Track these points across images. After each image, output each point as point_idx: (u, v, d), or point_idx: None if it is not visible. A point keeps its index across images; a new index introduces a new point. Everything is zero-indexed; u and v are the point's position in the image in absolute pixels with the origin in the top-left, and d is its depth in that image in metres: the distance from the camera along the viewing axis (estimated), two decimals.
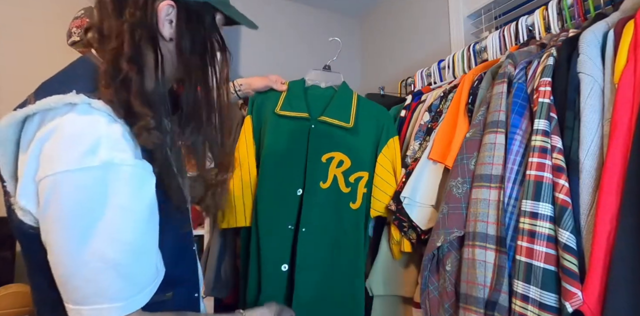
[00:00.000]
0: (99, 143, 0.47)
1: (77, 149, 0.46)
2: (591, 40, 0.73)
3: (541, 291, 0.67)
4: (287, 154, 1.06)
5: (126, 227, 0.48)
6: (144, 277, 0.51)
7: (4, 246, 1.29)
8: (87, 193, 0.46)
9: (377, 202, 1.11)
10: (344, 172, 1.08)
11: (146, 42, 0.54)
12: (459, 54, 1.27)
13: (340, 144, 1.09)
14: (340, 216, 1.06)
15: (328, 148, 1.08)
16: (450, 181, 0.88)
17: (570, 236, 0.65)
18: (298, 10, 2.23)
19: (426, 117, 1.14)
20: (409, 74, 1.64)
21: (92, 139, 0.47)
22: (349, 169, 1.08)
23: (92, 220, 0.46)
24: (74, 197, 0.46)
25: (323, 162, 1.06)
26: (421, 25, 1.87)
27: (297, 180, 1.04)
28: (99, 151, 0.46)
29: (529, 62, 0.87)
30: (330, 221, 1.04)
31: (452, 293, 0.84)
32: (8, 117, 0.48)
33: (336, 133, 1.10)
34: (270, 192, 1.04)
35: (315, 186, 1.04)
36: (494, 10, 1.50)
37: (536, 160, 0.72)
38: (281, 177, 1.05)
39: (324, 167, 1.06)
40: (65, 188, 0.45)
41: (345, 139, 1.10)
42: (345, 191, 1.07)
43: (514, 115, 0.81)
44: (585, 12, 0.94)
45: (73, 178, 0.45)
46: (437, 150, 0.98)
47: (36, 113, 0.47)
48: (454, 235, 0.83)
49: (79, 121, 0.47)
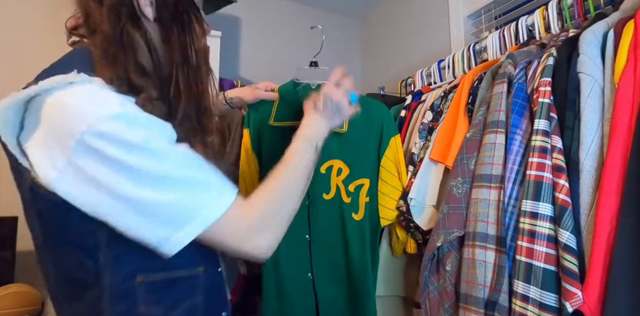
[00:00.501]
0: (110, 99, 0.48)
1: (93, 106, 0.46)
2: (591, 40, 0.73)
3: (541, 291, 0.67)
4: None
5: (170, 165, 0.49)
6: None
7: (4, 246, 1.29)
8: (123, 139, 0.46)
9: (385, 210, 1.06)
10: (343, 181, 1.04)
11: (128, 21, 0.55)
12: (459, 54, 1.27)
13: (337, 151, 1.04)
14: (344, 227, 1.03)
15: (325, 157, 1.02)
16: (451, 181, 0.88)
17: (570, 236, 0.65)
18: (298, 10, 2.23)
19: (429, 115, 1.13)
20: (409, 74, 1.64)
21: (104, 96, 0.48)
22: (348, 177, 1.04)
23: (138, 161, 0.47)
24: (115, 147, 0.46)
25: (322, 172, 1.02)
26: (421, 25, 1.87)
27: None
28: (115, 103, 0.47)
29: (529, 62, 0.87)
30: (336, 232, 1.03)
31: (452, 293, 0.83)
32: (10, 97, 0.47)
33: (331, 140, 1.04)
34: None
35: (319, 197, 1.02)
36: (494, 10, 1.51)
37: (536, 160, 0.72)
38: None
39: (325, 178, 1.02)
40: (103, 141, 0.45)
41: (341, 145, 1.05)
42: (347, 201, 1.04)
43: (514, 115, 0.81)
44: (585, 12, 0.94)
45: (103, 129, 0.45)
46: (437, 150, 0.98)
47: (39, 93, 0.47)
48: (454, 235, 0.83)
49: (83, 89, 0.47)
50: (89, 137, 0.44)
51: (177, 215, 0.49)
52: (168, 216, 0.49)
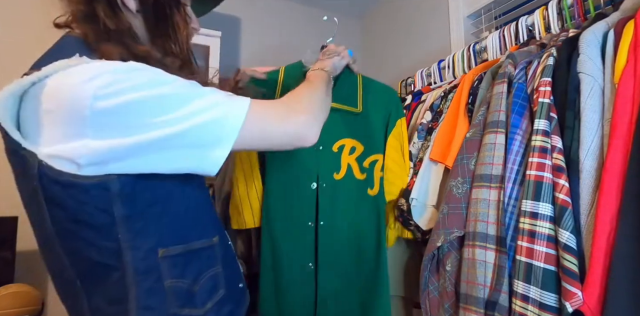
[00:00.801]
0: (110, 64, 0.49)
1: (95, 76, 0.46)
2: (591, 40, 0.73)
3: (541, 291, 0.67)
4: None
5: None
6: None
7: (4, 246, 1.29)
8: (130, 84, 0.47)
9: (391, 186, 1.07)
10: (357, 158, 1.04)
11: (107, 7, 0.57)
12: (459, 54, 1.27)
13: (350, 130, 1.05)
14: (358, 205, 1.02)
15: (338, 136, 1.03)
16: (451, 181, 0.88)
17: (570, 236, 0.65)
18: (298, 10, 2.22)
19: (428, 116, 1.13)
20: (409, 74, 1.63)
21: (104, 65, 0.48)
22: (362, 154, 1.04)
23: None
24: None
25: (334, 151, 1.02)
26: (421, 25, 1.87)
27: (309, 173, 1.00)
28: (113, 64, 0.49)
29: (529, 62, 0.87)
30: (348, 212, 1.01)
31: (452, 293, 0.83)
32: (13, 84, 0.47)
33: (345, 120, 1.05)
34: (281, 188, 1.00)
35: (329, 178, 1.00)
36: (494, 10, 1.50)
37: (536, 160, 0.72)
38: (291, 172, 1.00)
39: (336, 157, 1.02)
40: (113, 96, 0.46)
41: (355, 124, 1.06)
42: (360, 178, 1.03)
43: (514, 115, 0.81)
44: (585, 12, 0.94)
45: (108, 88, 0.45)
46: (437, 150, 0.99)
47: (41, 79, 0.47)
48: (454, 235, 0.83)
49: (84, 66, 0.48)
50: (100, 102, 0.44)
51: (208, 133, 0.50)
52: (200, 138, 0.50)
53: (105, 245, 0.50)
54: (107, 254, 0.50)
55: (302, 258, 0.98)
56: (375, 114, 1.10)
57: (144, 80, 0.48)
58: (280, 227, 0.99)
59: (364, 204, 1.03)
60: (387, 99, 1.14)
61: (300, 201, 0.99)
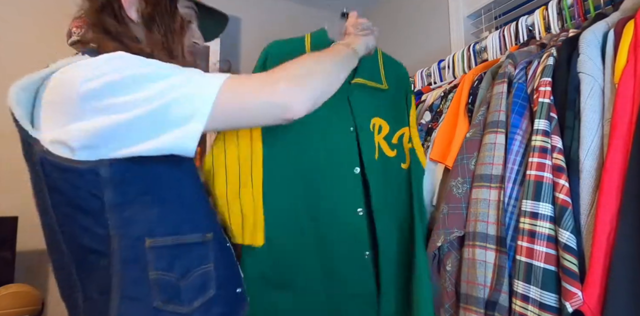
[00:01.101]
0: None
1: (89, 66, 0.51)
2: (591, 40, 0.73)
3: (541, 291, 0.67)
4: (329, 127, 0.89)
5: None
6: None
7: (4, 246, 1.29)
8: (109, 68, 0.50)
9: (422, 154, 1.02)
10: (385, 137, 0.97)
11: (112, 17, 0.62)
12: (459, 54, 1.27)
13: (379, 108, 0.98)
14: (399, 183, 0.96)
15: (371, 114, 0.95)
16: (451, 181, 0.88)
17: (570, 236, 0.65)
18: (298, 10, 2.23)
19: (427, 116, 1.14)
20: (409, 74, 1.63)
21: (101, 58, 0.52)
22: (389, 133, 0.98)
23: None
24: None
25: (371, 130, 0.94)
26: (421, 25, 1.87)
27: (349, 157, 0.90)
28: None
29: (529, 62, 0.87)
30: (392, 195, 0.93)
31: (452, 293, 0.84)
32: (24, 78, 0.52)
33: (375, 97, 0.98)
34: (298, 180, 0.87)
35: (371, 160, 0.91)
36: (494, 10, 1.51)
37: (536, 160, 0.72)
38: (330, 155, 0.88)
39: (372, 137, 0.94)
40: (96, 79, 0.49)
41: (383, 102, 0.99)
42: (392, 155, 0.97)
43: (514, 115, 0.81)
44: (585, 12, 0.94)
45: (93, 74, 0.49)
46: (437, 150, 0.98)
47: (49, 75, 0.52)
48: (454, 235, 0.83)
49: (86, 60, 0.53)
50: (85, 84, 0.48)
51: (183, 108, 0.51)
52: (175, 113, 0.51)
53: (97, 232, 0.51)
54: (98, 240, 0.51)
55: (356, 249, 0.87)
56: (397, 90, 1.05)
57: (125, 63, 0.51)
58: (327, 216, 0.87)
59: (399, 181, 0.97)
60: (403, 73, 1.11)
61: (338, 189, 0.88)
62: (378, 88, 0.99)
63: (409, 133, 1.03)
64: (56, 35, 1.45)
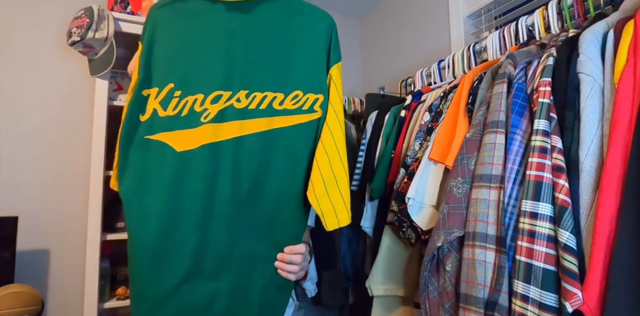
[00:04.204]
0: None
1: None
2: (591, 40, 0.73)
3: (541, 291, 0.67)
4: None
5: None
6: None
7: (4, 246, 1.29)
8: None
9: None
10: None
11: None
12: (459, 54, 1.27)
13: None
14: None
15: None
16: (451, 181, 0.88)
17: (570, 236, 0.65)
18: None
19: (426, 116, 1.14)
20: (409, 74, 1.64)
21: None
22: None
23: None
24: None
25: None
26: (421, 25, 1.87)
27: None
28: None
29: (529, 62, 0.87)
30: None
31: (452, 293, 0.84)
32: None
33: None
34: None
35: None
36: (494, 10, 1.51)
37: (536, 160, 0.72)
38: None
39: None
40: None
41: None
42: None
43: (514, 115, 0.81)
44: (585, 12, 0.94)
45: None
46: (437, 150, 0.98)
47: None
48: (454, 235, 0.83)
49: None
50: None
51: None
52: None
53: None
54: None
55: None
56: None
57: None
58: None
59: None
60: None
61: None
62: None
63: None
64: (59, 41, 1.45)
